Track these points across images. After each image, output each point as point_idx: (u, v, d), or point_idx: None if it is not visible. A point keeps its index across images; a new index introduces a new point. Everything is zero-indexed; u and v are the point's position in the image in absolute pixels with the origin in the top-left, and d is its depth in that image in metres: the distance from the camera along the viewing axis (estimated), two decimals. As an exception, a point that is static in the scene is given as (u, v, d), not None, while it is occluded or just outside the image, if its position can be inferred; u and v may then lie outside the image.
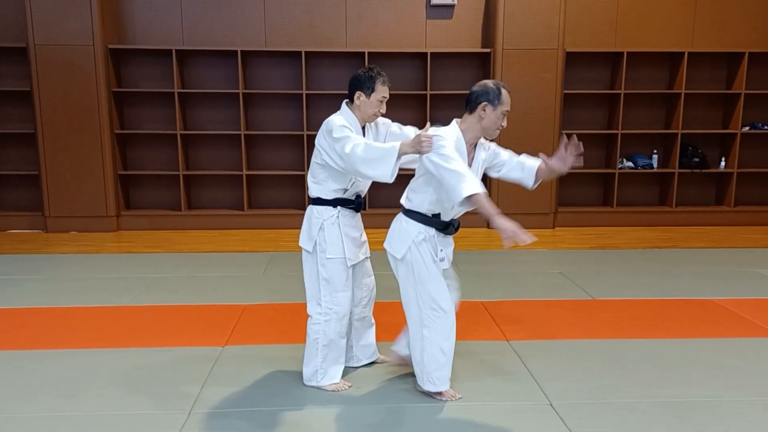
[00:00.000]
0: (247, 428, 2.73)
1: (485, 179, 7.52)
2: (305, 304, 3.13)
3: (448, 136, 2.73)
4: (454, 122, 2.84)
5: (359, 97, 2.93)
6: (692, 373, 3.29)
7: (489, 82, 2.78)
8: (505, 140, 6.98)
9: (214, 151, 7.31)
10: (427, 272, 2.83)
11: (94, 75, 6.61)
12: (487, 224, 7.21)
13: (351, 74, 8.22)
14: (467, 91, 2.73)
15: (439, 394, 2.93)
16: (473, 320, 4.07)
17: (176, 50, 6.80)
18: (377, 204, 7.23)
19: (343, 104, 3.02)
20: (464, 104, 2.81)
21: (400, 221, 2.91)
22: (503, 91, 2.75)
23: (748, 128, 7.37)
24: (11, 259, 5.73)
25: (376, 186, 3.33)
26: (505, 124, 2.80)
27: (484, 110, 2.74)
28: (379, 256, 3.25)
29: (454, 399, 2.94)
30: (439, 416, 2.83)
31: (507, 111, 2.78)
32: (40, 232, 6.89)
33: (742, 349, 3.62)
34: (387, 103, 3.02)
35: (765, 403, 2.95)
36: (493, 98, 2.73)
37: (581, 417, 2.81)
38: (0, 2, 6.74)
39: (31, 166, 6.97)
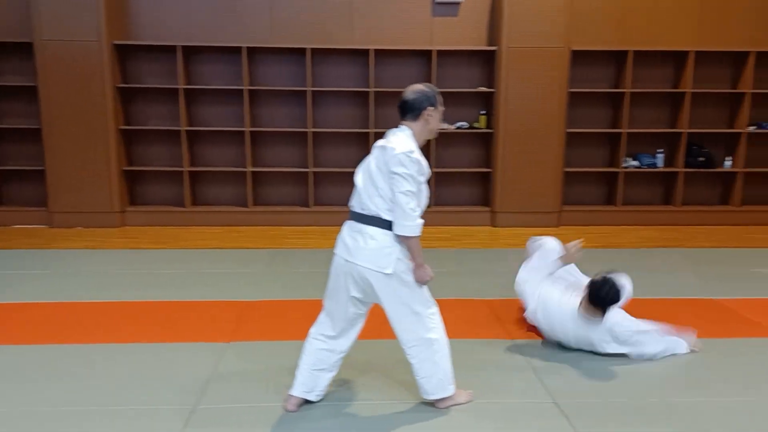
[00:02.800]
0: (252, 423, 2.74)
1: (488, 175, 7.50)
2: (309, 300, 3.13)
3: (418, 151, 2.69)
4: (409, 134, 2.73)
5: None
6: (697, 373, 3.29)
7: (423, 87, 2.76)
8: (509, 139, 6.98)
9: (219, 148, 7.32)
10: (413, 277, 2.75)
11: (99, 71, 6.62)
12: (491, 223, 7.21)
13: (357, 71, 8.23)
14: (472, 90, 2.73)
15: (451, 397, 2.89)
16: (477, 319, 4.07)
17: (181, 46, 6.80)
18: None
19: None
20: (403, 113, 2.76)
21: (378, 236, 2.68)
22: (437, 92, 2.79)
23: (754, 127, 7.34)
24: (16, 254, 5.75)
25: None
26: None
27: (431, 115, 2.75)
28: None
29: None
30: (442, 414, 2.83)
31: (443, 110, 2.83)
32: (45, 228, 6.90)
33: (747, 349, 3.61)
34: (390, 100, 2.99)
35: (770, 403, 2.95)
36: (434, 101, 2.75)
37: (586, 416, 2.81)
38: (6, -2, 6.76)
39: (36, 162, 6.97)
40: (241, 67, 6.99)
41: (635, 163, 7.44)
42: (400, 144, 2.67)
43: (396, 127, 2.81)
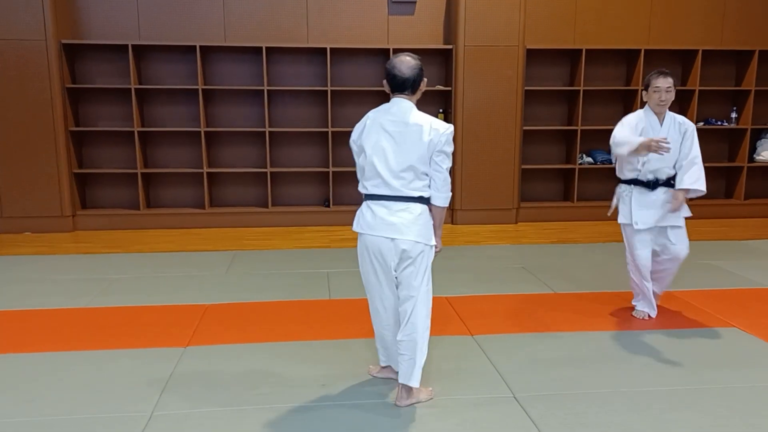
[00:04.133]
0: (210, 429, 2.68)
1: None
2: (269, 302, 3.09)
3: None
4: (414, 105, 2.84)
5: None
6: (650, 363, 3.37)
7: (415, 61, 2.82)
8: (467, 137, 7.04)
9: (174, 149, 7.18)
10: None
11: (47, 71, 6.41)
12: (451, 221, 7.26)
13: (313, 70, 8.15)
14: (430, 88, 2.83)
15: (414, 395, 2.91)
16: (438, 315, 4.06)
17: (132, 45, 6.64)
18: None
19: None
20: (402, 89, 2.80)
21: (424, 212, 2.82)
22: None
23: (702, 124, 7.58)
24: (-39, 261, 5.53)
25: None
26: None
27: (424, 83, 2.88)
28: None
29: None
30: (402, 412, 2.83)
31: None
32: (-8, 234, 6.66)
33: (699, 339, 3.72)
34: (349, 99, 3.07)
35: (718, 390, 3.04)
36: (423, 71, 2.86)
37: (543, 408, 2.85)
38: (-55, -5, 6.48)
39: (-18, 165, 6.72)
40: (195, 66, 6.87)
41: (590, 159, 7.59)
42: (438, 123, 2.78)
43: (392, 100, 2.85)
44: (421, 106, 2.95)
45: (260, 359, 3.38)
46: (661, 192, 3.83)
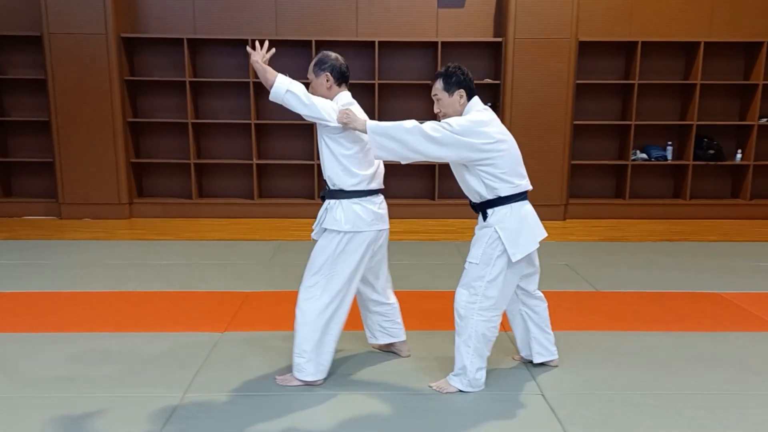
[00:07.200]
0: (238, 412, 2.76)
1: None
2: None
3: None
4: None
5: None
6: (690, 366, 3.25)
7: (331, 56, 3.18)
8: (516, 131, 6.91)
9: (225, 140, 7.36)
10: None
11: (107, 63, 6.68)
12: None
13: (362, 63, 8.16)
14: (479, 81, 2.82)
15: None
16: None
17: (187, 39, 6.85)
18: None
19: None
20: (345, 82, 3.30)
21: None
22: None
23: (765, 120, 7.21)
24: (25, 244, 5.84)
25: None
26: None
27: None
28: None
29: None
30: (430, 404, 2.84)
31: None
32: (54, 219, 7.01)
33: (744, 342, 3.56)
34: (398, 92, 3.24)
35: (761, 396, 2.91)
36: None
37: (572, 407, 2.79)
38: (16, -9, 6.84)
39: (46, 154, 7.08)
40: (247, 60, 7.00)
41: (644, 155, 7.35)
42: None
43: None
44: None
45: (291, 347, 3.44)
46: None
